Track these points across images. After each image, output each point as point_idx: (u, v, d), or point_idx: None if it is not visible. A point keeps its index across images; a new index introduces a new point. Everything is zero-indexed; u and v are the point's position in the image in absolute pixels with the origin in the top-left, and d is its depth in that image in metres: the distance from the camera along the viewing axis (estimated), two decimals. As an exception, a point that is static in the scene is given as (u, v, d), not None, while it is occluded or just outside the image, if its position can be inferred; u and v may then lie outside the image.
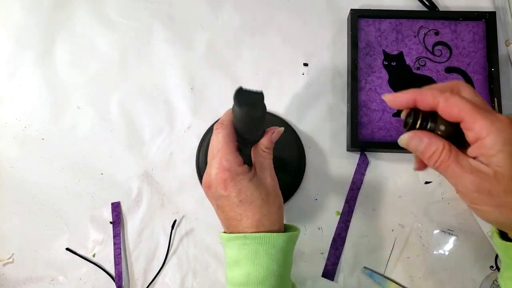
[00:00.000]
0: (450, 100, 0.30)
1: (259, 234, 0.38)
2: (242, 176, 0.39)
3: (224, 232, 0.42)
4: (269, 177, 0.41)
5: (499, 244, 0.35)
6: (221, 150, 0.39)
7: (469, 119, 0.29)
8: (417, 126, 0.33)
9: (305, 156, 0.57)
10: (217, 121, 0.42)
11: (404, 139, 0.33)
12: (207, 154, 0.55)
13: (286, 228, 0.43)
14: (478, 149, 0.29)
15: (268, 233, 0.38)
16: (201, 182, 0.56)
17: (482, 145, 0.29)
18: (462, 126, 0.30)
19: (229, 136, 0.39)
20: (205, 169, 0.40)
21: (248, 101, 0.35)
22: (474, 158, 0.30)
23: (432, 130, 0.32)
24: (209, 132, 0.58)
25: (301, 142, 0.57)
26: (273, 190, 0.41)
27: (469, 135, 0.29)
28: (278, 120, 0.58)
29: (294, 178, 0.56)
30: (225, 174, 0.38)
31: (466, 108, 0.29)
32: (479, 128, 0.28)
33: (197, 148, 0.58)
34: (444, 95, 0.30)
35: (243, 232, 0.38)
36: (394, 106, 0.33)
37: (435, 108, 0.31)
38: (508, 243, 0.33)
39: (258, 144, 0.41)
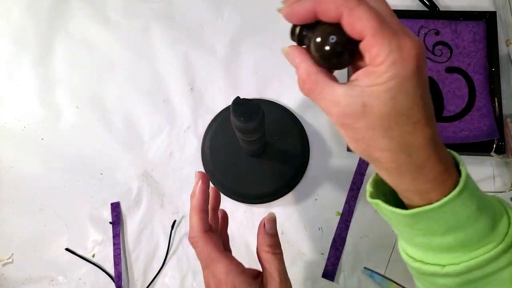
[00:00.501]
0: (355, 12, 0.23)
1: None
2: None
3: None
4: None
5: (370, 203, 0.30)
6: (209, 266, 0.35)
7: (371, 39, 0.23)
8: (297, 35, 0.26)
9: (309, 149, 0.57)
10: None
11: (283, 50, 0.28)
12: (211, 147, 0.56)
13: None
14: (364, 75, 0.24)
15: None
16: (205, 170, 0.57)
17: (369, 72, 0.24)
18: (361, 46, 0.24)
19: (211, 243, 0.35)
20: (209, 156, 0.37)
21: (245, 113, 0.34)
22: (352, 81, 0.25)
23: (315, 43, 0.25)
24: (211, 124, 0.59)
25: (306, 136, 0.57)
26: None
27: (366, 57, 0.24)
28: (281, 110, 0.58)
29: (297, 171, 0.56)
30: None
31: (370, 25, 0.23)
32: (375, 53, 0.23)
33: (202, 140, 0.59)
34: (349, 3, 0.24)
35: None
36: (293, 20, 0.26)
37: (339, 21, 0.24)
38: (374, 200, 0.30)
39: (257, 248, 0.36)
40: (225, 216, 0.43)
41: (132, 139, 0.59)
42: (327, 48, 0.25)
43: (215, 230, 0.40)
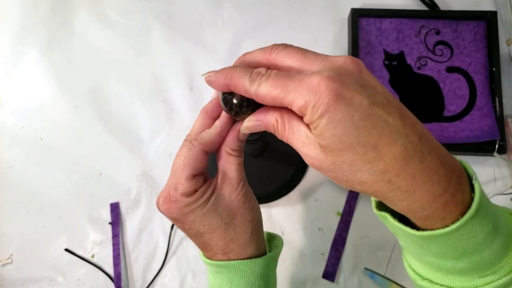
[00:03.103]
0: (258, 93, 0.25)
1: (231, 262, 0.33)
2: (192, 207, 0.31)
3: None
4: (234, 191, 0.32)
5: (377, 215, 0.29)
6: (175, 173, 0.31)
7: (284, 102, 0.24)
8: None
9: None
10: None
11: (244, 127, 0.29)
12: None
13: (267, 239, 0.37)
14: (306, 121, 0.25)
15: (241, 261, 0.33)
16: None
17: (306, 119, 0.25)
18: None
19: (191, 158, 0.31)
20: (210, 157, 0.33)
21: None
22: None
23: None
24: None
25: None
26: (239, 207, 0.33)
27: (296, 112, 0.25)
28: None
29: (297, 171, 0.56)
30: (170, 207, 0.31)
31: (274, 96, 0.25)
32: (296, 109, 0.24)
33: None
34: (252, 88, 0.26)
35: (215, 259, 0.33)
36: (213, 87, 0.29)
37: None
38: (381, 213, 0.28)
39: (221, 145, 0.33)
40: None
41: (131, 139, 0.59)
42: (237, 109, 0.29)
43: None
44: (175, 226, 0.56)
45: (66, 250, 0.56)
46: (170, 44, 0.62)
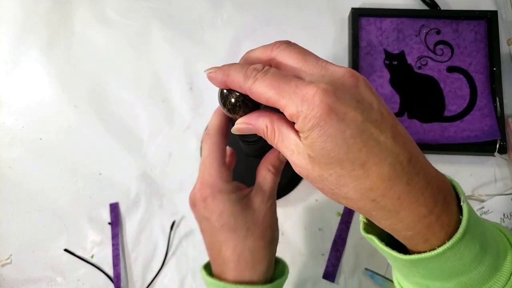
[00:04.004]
0: (253, 90, 0.25)
1: (238, 287, 0.32)
2: (226, 196, 0.33)
3: (206, 266, 0.36)
4: (264, 203, 0.34)
5: (365, 237, 0.29)
6: (204, 163, 0.34)
7: (277, 104, 0.24)
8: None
9: None
10: None
11: (234, 128, 0.29)
12: None
13: (275, 263, 0.37)
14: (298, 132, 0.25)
15: (250, 286, 0.32)
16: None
17: (298, 130, 0.25)
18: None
19: (215, 145, 0.34)
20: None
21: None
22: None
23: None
24: None
25: None
26: (264, 220, 0.34)
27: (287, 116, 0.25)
28: None
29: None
30: (206, 190, 0.33)
31: (270, 95, 0.24)
32: (288, 114, 0.24)
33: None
34: (247, 84, 0.26)
35: (224, 278, 0.33)
36: (213, 83, 0.30)
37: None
38: (368, 235, 0.28)
39: (264, 159, 0.36)
40: (232, 153, 0.41)
41: (131, 139, 0.59)
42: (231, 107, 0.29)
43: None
44: (174, 226, 0.56)
45: (66, 250, 0.56)
46: (170, 44, 0.62)
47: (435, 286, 0.26)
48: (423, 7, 0.60)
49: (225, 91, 0.30)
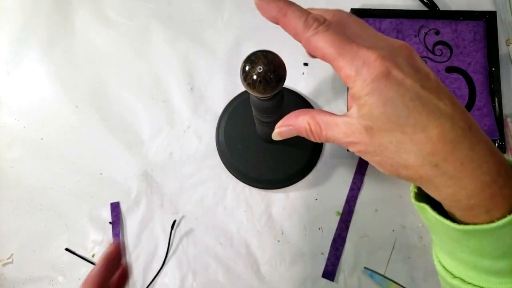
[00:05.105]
0: (311, 42, 0.25)
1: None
2: None
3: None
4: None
5: (415, 206, 0.28)
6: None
7: (334, 63, 0.24)
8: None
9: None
10: None
11: (275, 134, 0.29)
12: (225, 133, 0.57)
13: None
14: (351, 100, 0.25)
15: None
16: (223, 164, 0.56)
17: (353, 96, 0.24)
18: (333, 66, 0.25)
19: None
20: (225, 146, 0.35)
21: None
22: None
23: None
24: (223, 115, 0.59)
25: None
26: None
27: (341, 77, 0.25)
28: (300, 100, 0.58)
29: (312, 154, 0.57)
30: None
31: (328, 52, 0.24)
32: (344, 76, 0.24)
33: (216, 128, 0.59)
34: (306, 33, 0.25)
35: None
36: (263, 13, 0.29)
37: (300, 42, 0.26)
38: (420, 204, 0.27)
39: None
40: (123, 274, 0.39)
41: (132, 139, 0.59)
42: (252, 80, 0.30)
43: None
44: (175, 226, 0.56)
45: (67, 249, 0.56)
46: (170, 44, 0.62)
47: (483, 265, 0.25)
48: (422, 7, 0.60)
49: (247, 66, 0.30)
